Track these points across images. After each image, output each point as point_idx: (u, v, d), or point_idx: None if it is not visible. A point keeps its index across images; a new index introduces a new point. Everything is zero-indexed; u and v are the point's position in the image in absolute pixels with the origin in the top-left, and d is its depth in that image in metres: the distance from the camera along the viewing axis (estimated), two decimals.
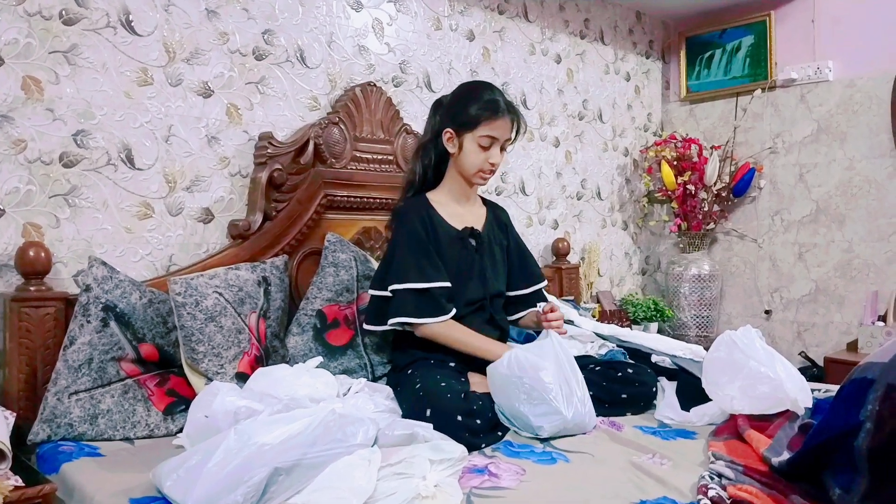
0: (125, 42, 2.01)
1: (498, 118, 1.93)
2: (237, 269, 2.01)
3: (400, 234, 1.95)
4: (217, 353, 1.84)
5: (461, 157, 1.98)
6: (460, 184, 2.04)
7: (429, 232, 1.94)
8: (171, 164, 2.11)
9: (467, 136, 1.95)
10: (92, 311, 1.75)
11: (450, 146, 1.99)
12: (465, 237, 2.01)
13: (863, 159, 3.19)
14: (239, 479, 1.19)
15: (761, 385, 1.63)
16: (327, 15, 2.47)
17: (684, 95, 3.80)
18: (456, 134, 1.97)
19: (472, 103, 1.94)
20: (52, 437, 1.64)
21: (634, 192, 3.76)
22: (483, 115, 1.92)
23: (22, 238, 1.85)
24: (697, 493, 1.26)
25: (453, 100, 2.02)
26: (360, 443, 1.31)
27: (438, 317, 1.87)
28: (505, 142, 1.98)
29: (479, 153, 1.95)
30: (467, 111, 1.94)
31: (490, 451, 1.55)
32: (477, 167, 1.97)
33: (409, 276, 1.87)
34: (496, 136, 1.94)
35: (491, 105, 1.93)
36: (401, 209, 2.03)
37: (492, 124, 1.93)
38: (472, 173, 1.99)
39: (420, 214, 1.97)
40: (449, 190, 2.06)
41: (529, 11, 3.19)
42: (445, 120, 1.99)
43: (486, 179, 2.02)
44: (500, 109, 1.93)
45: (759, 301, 3.54)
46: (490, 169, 1.98)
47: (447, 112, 2.00)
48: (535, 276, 2.17)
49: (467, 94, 1.99)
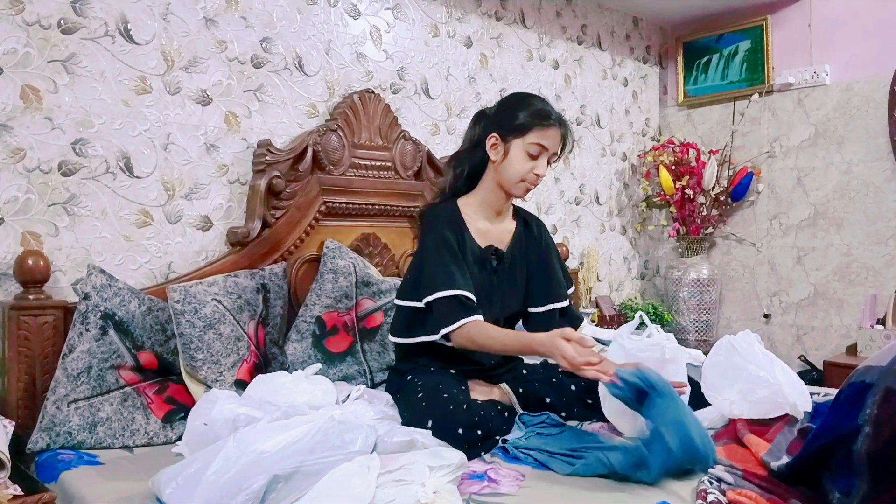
0: (123, 51, 2.02)
1: (550, 127, 1.84)
2: (236, 276, 2.01)
3: (430, 241, 1.84)
4: (216, 360, 1.84)
5: (505, 164, 1.86)
6: (496, 196, 1.92)
7: (459, 243, 1.85)
8: (169, 172, 2.12)
9: (515, 143, 1.84)
10: (91, 319, 1.75)
11: (493, 153, 1.87)
12: (486, 258, 1.91)
13: (860, 163, 3.19)
14: (238, 487, 1.18)
15: (760, 389, 1.63)
16: (325, 22, 2.48)
17: (682, 100, 3.81)
18: (502, 140, 1.86)
19: (523, 110, 1.85)
20: (51, 445, 1.64)
21: (633, 197, 3.76)
22: (535, 122, 1.83)
23: (21, 246, 1.85)
24: (697, 497, 1.26)
25: (501, 107, 1.92)
26: (358, 450, 1.31)
27: (469, 316, 1.74)
28: (552, 155, 1.87)
29: (525, 161, 1.84)
30: (518, 117, 1.84)
31: (489, 457, 1.54)
32: (520, 176, 1.85)
33: (440, 285, 1.77)
34: (546, 145, 1.84)
35: (544, 113, 1.84)
36: (431, 214, 1.92)
37: (543, 132, 1.83)
38: (515, 182, 1.86)
39: (451, 222, 1.87)
40: (481, 202, 1.93)
41: (527, 18, 3.20)
42: (491, 127, 1.89)
43: (527, 191, 1.90)
44: (552, 118, 1.85)
45: (759, 305, 3.54)
46: (534, 180, 1.86)
47: (493, 119, 1.90)
48: (556, 294, 1.99)
49: (518, 101, 1.90)
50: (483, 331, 1.75)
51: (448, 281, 1.77)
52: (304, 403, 1.63)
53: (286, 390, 1.72)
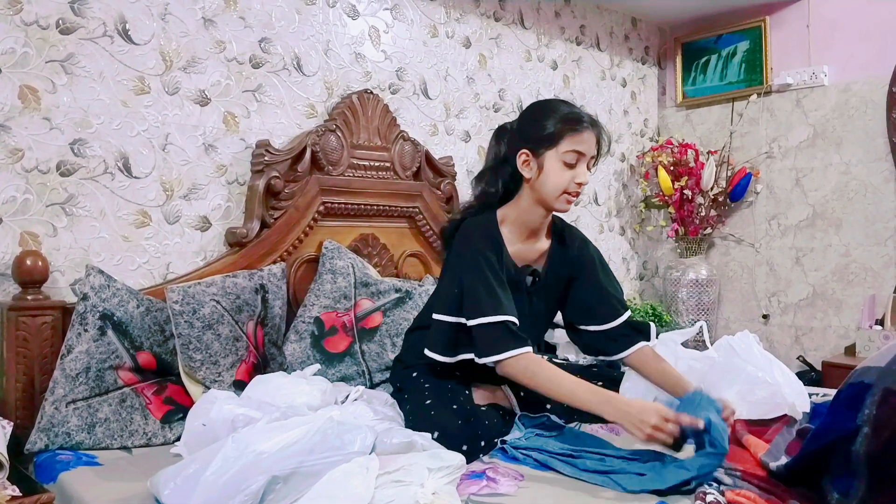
0: (122, 51, 2.02)
1: (583, 130, 1.69)
2: (235, 276, 2.01)
3: (470, 258, 1.70)
4: (215, 361, 1.84)
5: (542, 179, 1.71)
6: (534, 215, 1.79)
7: (498, 261, 1.72)
8: (168, 173, 2.11)
9: (548, 155, 1.70)
10: (89, 319, 1.74)
11: (526, 170, 1.73)
12: (521, 279, 1.79)
13: (859, 163, 3.20)
14: (237, 488, 1.18)
15: (759, 390, 1.64)
16: (324, 23, 2.48)
17: (680, 101, 3.81)
18: (534, 154, 1.72)
19: (549, 118, 1.71)
20: (50, 446, 1.64)
21: (631, 198, 3.76)
22: (566, 128, 1.69)
23: (19, 247, 1.84)
24: (696, 498, 1.26)
25: (525, 119, 1.78)
26: (357, 450, 1.31)
27: (520, 347, 1.61)
28: (590, 159, 1.73)
29: (563, 172, 1.69)
30: (546, 127, 1.70)
31: (488, 458, 1.54)
32: (561, 188, 1.70)
33: (486, 309, 1.63)
34: (582, 150, 1.69)
35: (573, 117, 1.70)
36: (468, 226, 1.77)
37: (576, 137, 1.69)
38: (556, 196, 1.72)
39: (489, 239, 1.74)
40: (516, 222, 1.80)
41: (525, 18, 3.20)
42: (517, 142, 1.75)
43: (570, 203, 1.75)
44: (583, 121, 1.70)
45: (757, 306, 3.54)
46: (576, 190, 1.71)
47: (519, 134, 1.77)
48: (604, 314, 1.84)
49: (542, 109, 1.76)
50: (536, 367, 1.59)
51: (495, 306, 1.63)
52: (302, 404, 1.63)
53: (285, 391, 1.72)
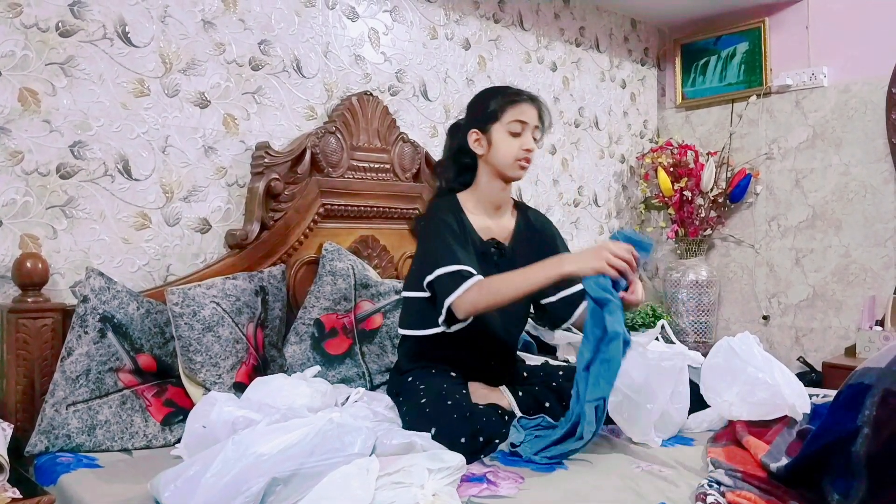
0: (122, 53, 2.02)
1: (521, 102, 1.87)
2: (235, 278, 2.01)
3: (431, 227, 1.85)
4: (215, 362, 1.84)
5: (493, 152, 1.88)
6: (493, 188, 1.92)
7: (461, 230, 1.85)
8: (168, 175, 2.12)
9: (495, 128, 1.87)
10: (89, 321, 1.74)
11: (478, 148, 1.90)
12: (487, 251, 1.90)
13: (858, 164, 3.20)
14: (237, 490, 1.18)
15: (759, 391, 1.63)
16: (323, 25, 2.48)
17: (680, 102, 3.81)
18: (482, 132, 1.89)
19: (491, 98, 1.90)
20: (50, 448, 1.64)
21: (631, 199, 3.77)
22: (506, 101, 1.87)
23: (19, 249, 1.85)
24: (696, 500, 1.26)
25: (471, 107, 1.96)
26: (357, 452, 1.31)
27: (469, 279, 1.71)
28: (535, 129, 1.89)
29: (511, 141, 1.86)
30: (489, 105, 1.88)
31: (488, 460, 1.54)
32: (512, 156, 1.87)
33: (441, 262, 1.75)
34: (524, 119, 1.86)
35: (512, 92, 1.90)
36: (430, 207, 1.95)
37: (517, 108, 1.86)
38: (509, 164, 1.87)
39: (452, 211, 1.88)
40: (479, 199, 1.94)
41: (525, 20, 3.20)
42: (467, 127, 1.93)
43: (524, 169, 1.90)
44: (522, 95, 1.89)
45: (757, 307, 3.54)
46: (526, 156, 1.87)
47: (467, 120, 1.95)
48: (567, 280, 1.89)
49: (484, 93, 1.96)
50: (487, 286, 1.70)
51: (449, 257, 1.75)
52: (302, 406, 1.63)
53: (285, 393, 1.72)
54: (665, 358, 1.71)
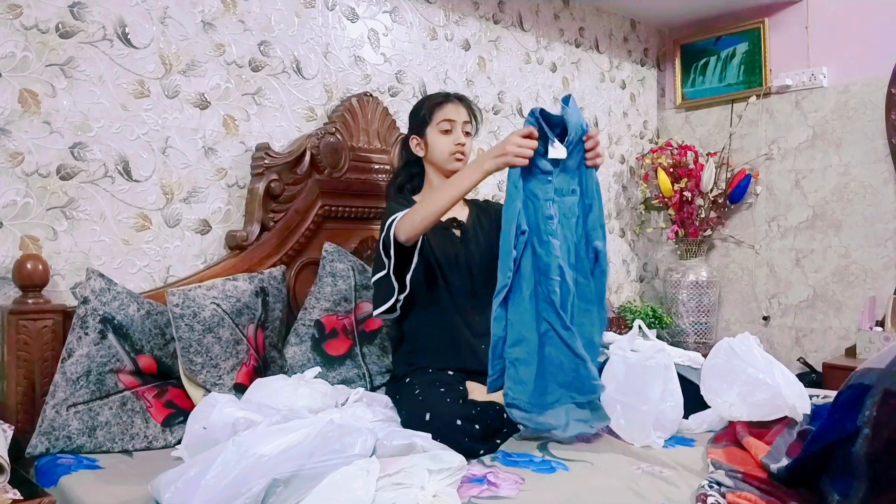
0: (121, 54, 2.02)
1: (447, 103, 2.09)
2: (235, 279, 2.01)
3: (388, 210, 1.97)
4: (215, 364, 1.84)
5: (430, 151, 2.09)
6: (440, 183, 2.05)
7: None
8: (168, 176, 2.12)
9: (429, 131, 2.09)
10: (90, 323, 1.75)
11: (419, 151, 2.12)
12: (447, 228, 2.07)
13: (858, 165, 3.20)
14: (237, 491, 1.18)
15: (760, 392, 1.63)
16: (323, 26, 2.48)
17: (680, 103, 3.81)
18: (420, 136, 2.11)
19: (422, 106, 2.13)
20: (51, 449, 1.64)
21: (631, 200, 3.77)
22: (433, 105, 2.09)
23: (19, 251, 1.85)
24: (696, 501, 1.26)
25: (410, 118, 2.18)
26: (358, 453, 1.31)
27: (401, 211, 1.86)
28: (464, 124, 2.09)
29: (443, 138, 2.07)
30: (420, 112, 2.12)
31: (489, 461, 1.54)
32: (447, 151, 2.07)
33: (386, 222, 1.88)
34: (452, 117, 2.07)
35: (438, 97, 2.13)
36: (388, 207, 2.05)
37: (444, 109, 2.08)
38: (445, 158, 2.07)
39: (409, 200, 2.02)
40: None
41: (524, 21, 3.20)
42: (409, 134, 2.15)
43: (460, 161, 2.07)
44: (448, 97, 2.11)
45: (758, 307, 3.54)
46: (459, 149, 2.07)
47: (409, 130, 2.17)
48: None
49: (418, 103, 2.17)
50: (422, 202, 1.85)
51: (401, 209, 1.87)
52: (303, 407, 1.63)
53: (285, 394, 1.72)
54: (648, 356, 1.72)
